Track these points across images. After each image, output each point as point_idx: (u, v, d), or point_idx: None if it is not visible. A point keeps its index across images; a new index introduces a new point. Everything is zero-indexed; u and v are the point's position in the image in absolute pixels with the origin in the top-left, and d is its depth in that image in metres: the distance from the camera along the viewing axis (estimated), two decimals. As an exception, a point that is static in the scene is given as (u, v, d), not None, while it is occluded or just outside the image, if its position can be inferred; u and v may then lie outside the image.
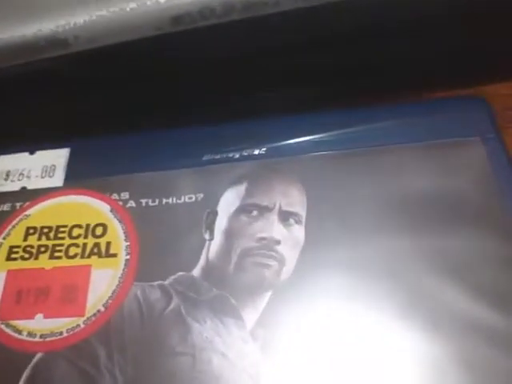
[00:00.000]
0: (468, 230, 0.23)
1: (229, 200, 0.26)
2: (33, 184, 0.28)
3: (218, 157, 0.27)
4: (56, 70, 0.28)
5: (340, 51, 0.28)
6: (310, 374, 0.21)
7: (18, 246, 0.26)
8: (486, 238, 0.23)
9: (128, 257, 0.25)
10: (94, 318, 0.23)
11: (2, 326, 0.23)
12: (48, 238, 0.26)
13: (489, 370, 0.20)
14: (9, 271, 0.25)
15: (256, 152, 0.27)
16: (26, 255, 0.25)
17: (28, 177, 0.28)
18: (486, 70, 0.30)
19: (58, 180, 0.28)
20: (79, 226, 0.26)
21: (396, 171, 0.26)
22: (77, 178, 0.27)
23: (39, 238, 0.26)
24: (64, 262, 0.25)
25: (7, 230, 0.26)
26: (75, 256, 0.25)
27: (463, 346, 0.21)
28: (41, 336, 0.23)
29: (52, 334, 0.23)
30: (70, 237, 0.26)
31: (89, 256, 0.25)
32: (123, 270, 0.24)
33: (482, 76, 0.30)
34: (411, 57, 0.28)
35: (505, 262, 0.22)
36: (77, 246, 0.25)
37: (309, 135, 0.27)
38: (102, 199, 0.27)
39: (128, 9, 0.24)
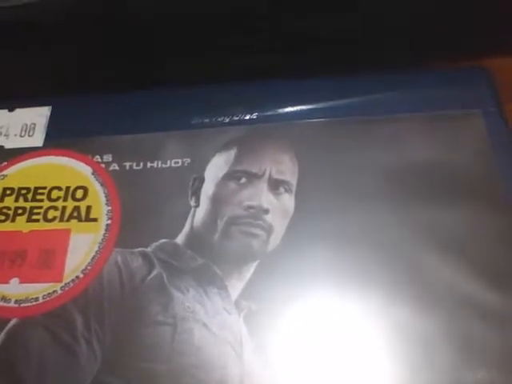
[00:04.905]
0: (466, 204, 0.22)
1: (217, 166, 0.24)
2: (11, 143, 0.26)
3: (207, 120, 0.26)
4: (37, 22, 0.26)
5: (339, 19, 0.26)
6: (294, 347, 0.20)
7: (-6, 208, 0.24)
8: (484, 212, 0.22)
9: (109, 222, 0.23)
10: (71, 285, 0.22)
11: (-25, 290, 0.22)
12: (26, 200, 0.24)
13: (481, 347, 0.19)
14: (-16, 233, 0.24)
15: (247, 117, 0.26)
16: (2, 217, 0.24)
17: (6, 135, 0.27)
18: (492, 43, 0.29)
19: (37, 139, 0.26)
20: (59, 188, 0.25)
21: (392, 142, 0.25)
22: (58, 138, 0.26)
23: (16, 200, 0.24)
24: (42, 226, 0.24)
25: (-17, 191, 0.25)
26: (54, 219, 0.24)
27: (457, 322, 0.20)
28: (16, 301, 0.22)
29: (27, 299, 0.22)
30: (49, 199, 0.24)
31: (68, 220, 0.24)
32: (104, 235, 0.23)
33: (488, 49, 0.29)
34: (412, 25, 0.27)
35: (503, 238, 0.21)
36: (56, 208, 0.24)
37: (303, 101, 0.26)
38: (83, 161, 0.25)
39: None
